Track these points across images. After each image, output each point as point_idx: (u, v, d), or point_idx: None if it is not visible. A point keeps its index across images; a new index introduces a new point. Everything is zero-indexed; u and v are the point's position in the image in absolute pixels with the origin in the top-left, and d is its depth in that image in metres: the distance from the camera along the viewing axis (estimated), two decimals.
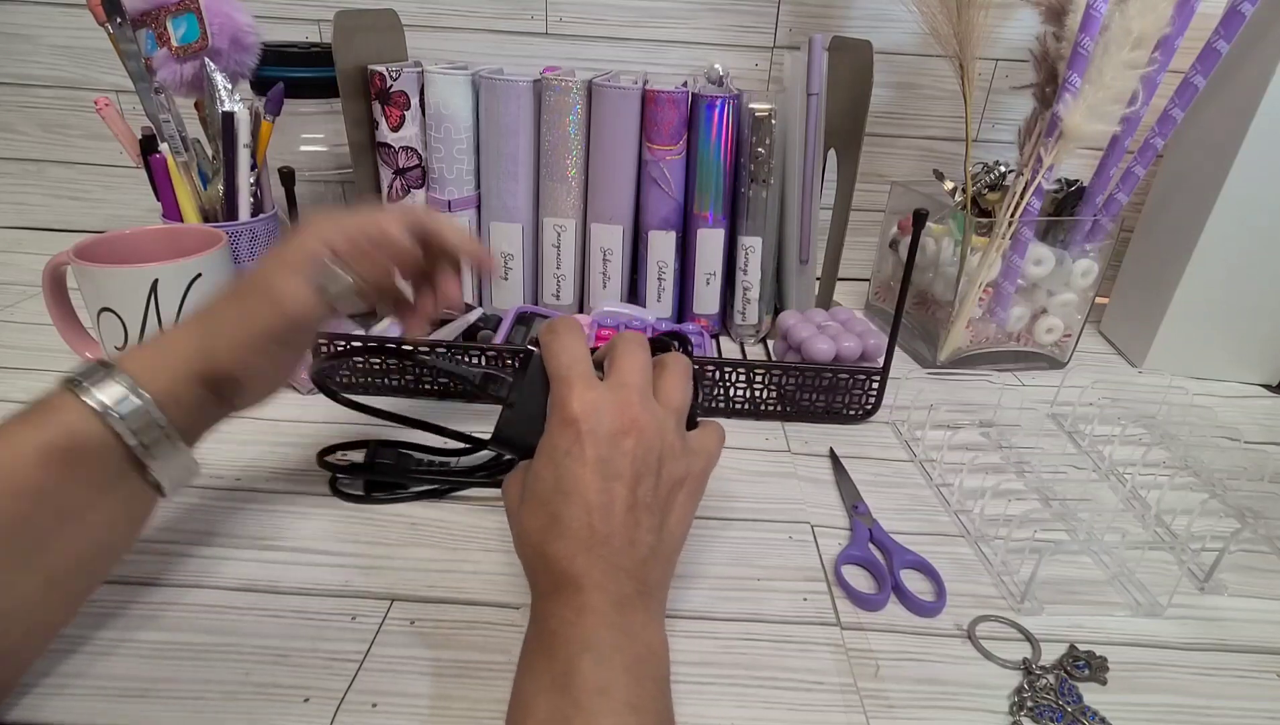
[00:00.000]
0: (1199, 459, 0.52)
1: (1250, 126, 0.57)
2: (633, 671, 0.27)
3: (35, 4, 0.74)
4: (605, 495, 0.30)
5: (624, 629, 0.28)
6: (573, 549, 0.29)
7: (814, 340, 0.54)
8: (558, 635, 0.28)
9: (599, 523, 0.29)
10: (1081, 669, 0.35)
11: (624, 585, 0.29)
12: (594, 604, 0.28)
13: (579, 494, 0.30)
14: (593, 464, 0.30)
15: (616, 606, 0.28)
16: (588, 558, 0.29)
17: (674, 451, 0.32)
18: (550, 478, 0.30)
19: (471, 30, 0.75)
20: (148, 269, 0.48)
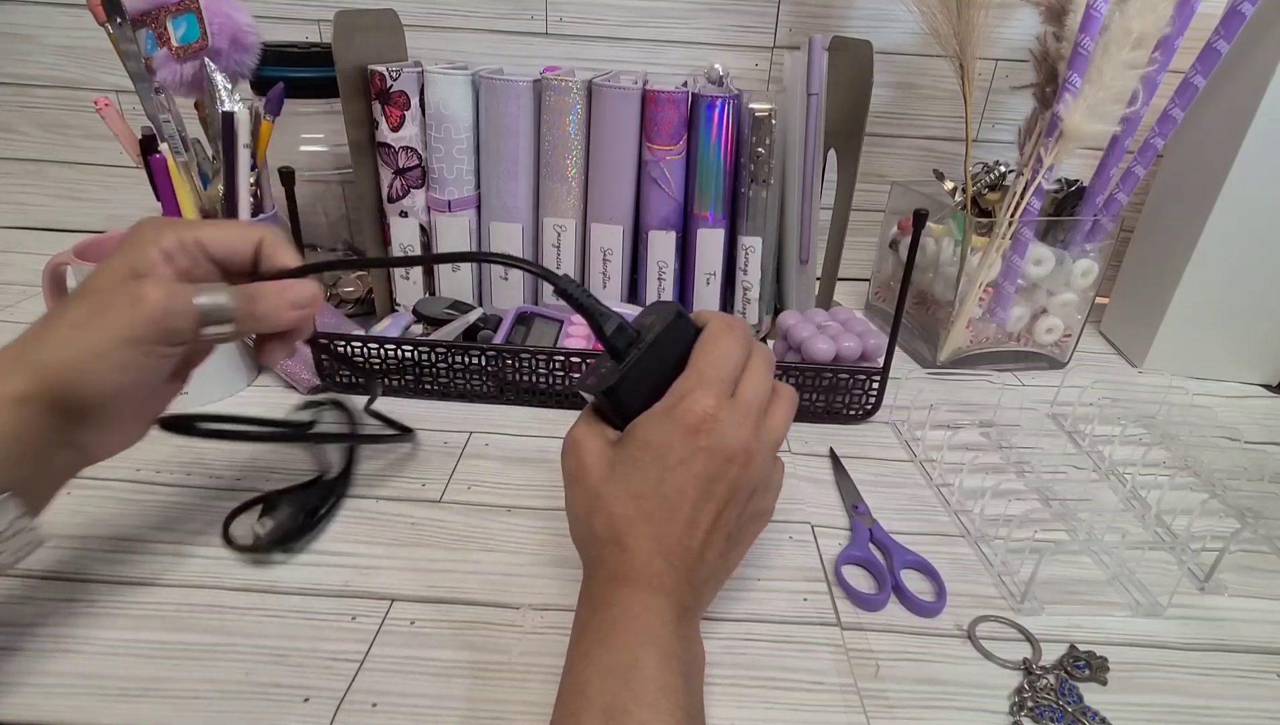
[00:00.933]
0: (1199, 459, 0.52)
1: (1250, 126, 0.57)
2: (689, 678, 0.27)
3: (35, 4, 0.74)
4: (699, 512, 0.30)
5: (684, 636, 0.29)
6: (654, 549, 0.30)
7: (814, 340, 0.54)
8: (618, 625, 0.28)
9: (685, 536, 0.30)
10: (1082, 669, 0.35)
11: (687, 596, 0.30)
12: (661, 606, 0.28)
13: (678, 504, 0.30)
14: (700, 480, 0.30)
15: (679, 614, 0.29)
16: (665, 562, 0.29)
17: (766, 486, 0.33)
18: (655, 476, 0.30)
19: (471, 30, 0.75)
20: None
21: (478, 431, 0.51)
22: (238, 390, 0.54)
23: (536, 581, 0.39)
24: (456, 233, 0.63)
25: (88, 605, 0.35)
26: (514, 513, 0.43)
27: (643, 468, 0.30)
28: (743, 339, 0.33)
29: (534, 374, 0.53)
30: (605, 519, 0.31)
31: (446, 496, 0.45)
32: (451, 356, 0.53)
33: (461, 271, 0.64)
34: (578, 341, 0.56)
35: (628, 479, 0.31)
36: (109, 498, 0.42)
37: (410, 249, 0.64)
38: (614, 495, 0.31)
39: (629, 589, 0.29)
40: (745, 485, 0.31)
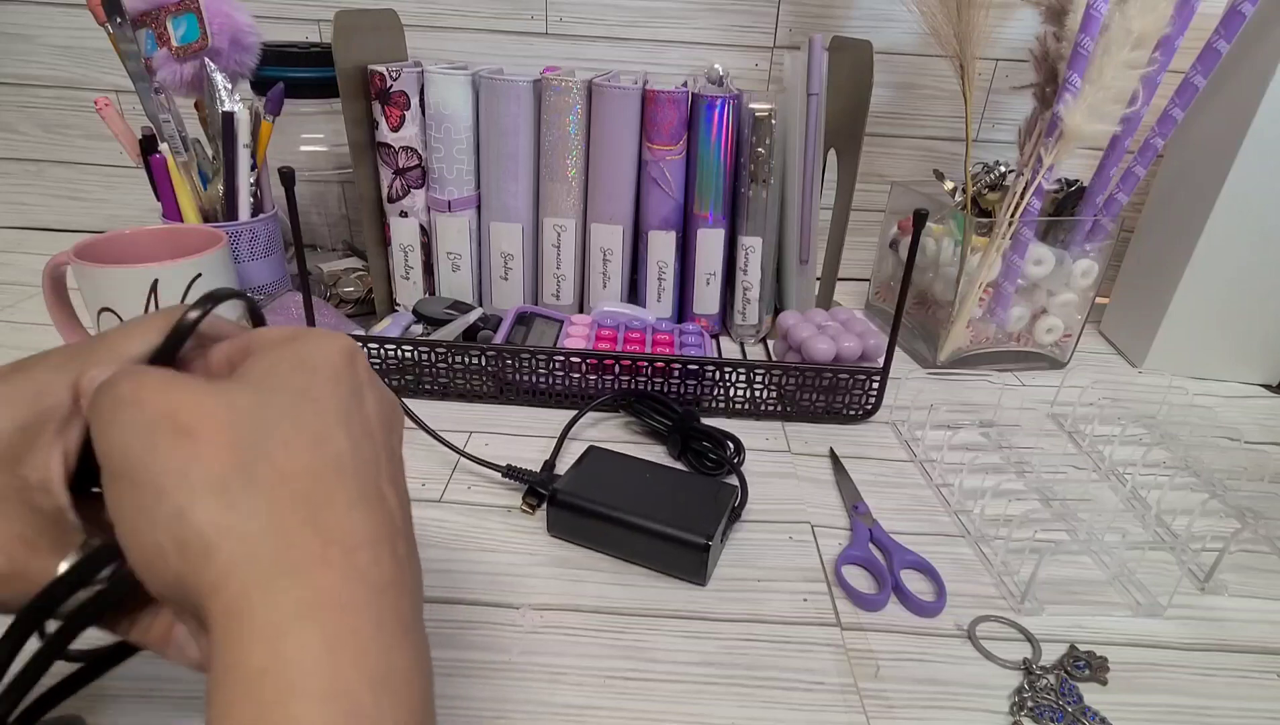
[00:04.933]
0: (1199, 459, 0.52)
1: (1250, 126, 0.57)
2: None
3: (35, 4, 0.74)
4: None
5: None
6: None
7: (814, 340, 0.54)
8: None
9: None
10: (1082, 669, 0.35)
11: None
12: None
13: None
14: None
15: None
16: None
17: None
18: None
19: (471, 30, 0.75)
20: (148, 269, 0.48)
21: (478, 431, 0.51)
22: None
23: (536, 581, 0.39)
24: (456, 232, 0.63)
25: None
26: (514, 513, 0.43)
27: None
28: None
29: (534, 374, 0.53)
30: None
31: (446, 496, 0.45)
32: (451, 356, 0.53)
33: (461, 271, 0.64)
34: (578, 341, 0.56)
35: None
36: None
37: (410, 249, 0.64)
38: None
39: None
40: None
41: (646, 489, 0.42)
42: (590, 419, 0.54)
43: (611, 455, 0.45)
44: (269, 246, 0.60)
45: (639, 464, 0.45)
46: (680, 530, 0.38)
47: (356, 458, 0.21)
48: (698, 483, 0.44)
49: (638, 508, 0.40)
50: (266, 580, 0.18)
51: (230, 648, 0.18)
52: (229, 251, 0.53)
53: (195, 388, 0.20)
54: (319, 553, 0.19)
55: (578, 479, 0.42)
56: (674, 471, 0.44)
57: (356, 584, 0.19)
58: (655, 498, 0.41)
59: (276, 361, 0.22)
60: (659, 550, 0.39)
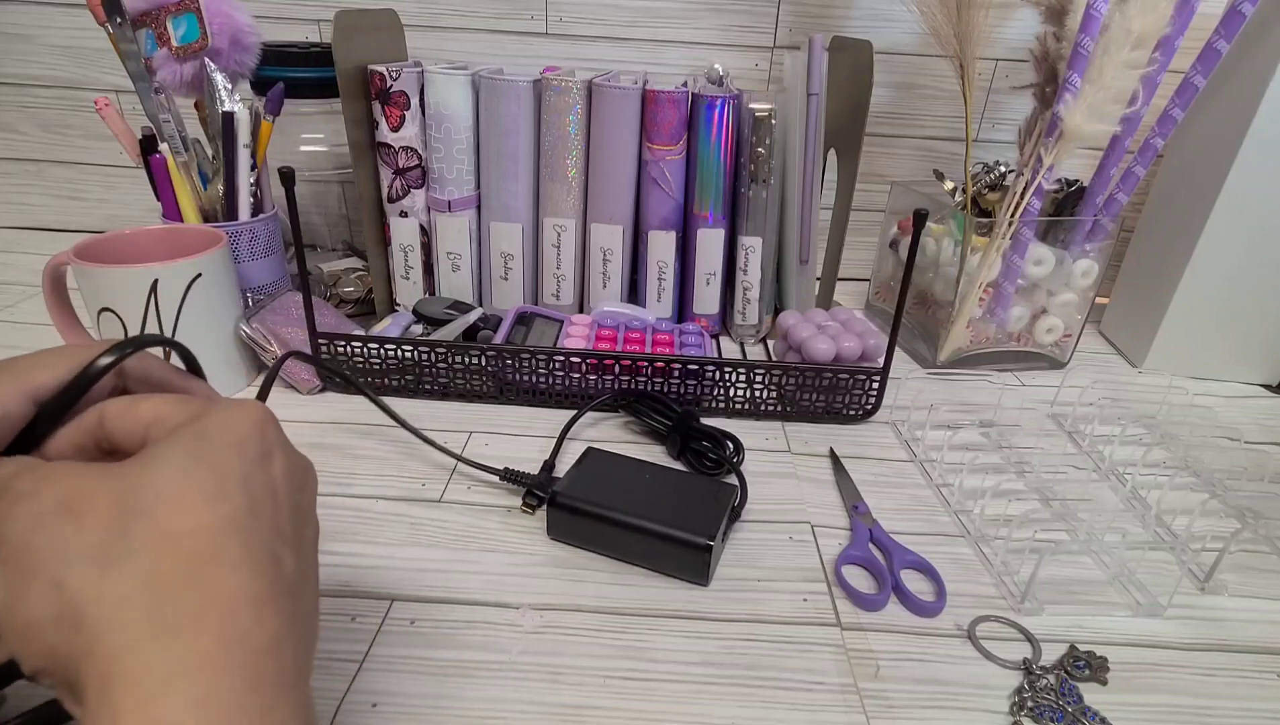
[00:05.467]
0: (1199, 459, 0.52)
1: (1250, 126, 0.57)
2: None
3: (35, 4, 0.74)
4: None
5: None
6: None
7: (814, 340, 0.54)
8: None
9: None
10: (1082, 669, 0.35)
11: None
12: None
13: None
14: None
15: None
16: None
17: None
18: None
19: (471, 30, 0.75)
20: (148, 269, 0.48)
21: (478, 431, 0.51)
22: (237, 391, 0.54)
23: (536, 581, 0.39)
24: (456, 232, 0.63)
25: None
26: (513, 513, 0.43)
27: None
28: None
29: (534, 374, 0.53)
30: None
31: (446, 496, 0.45)
32: (451, 356, 0.53)
33: (461, 271, 0.64)
34: (578, 342, 0.56)
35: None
36: None
37: (410, 249, 0.64)
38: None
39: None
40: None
41: (646, 490, 0.42)
42: (590, 419, 0.54)
43: (610, 457, 0.45)
44: (269, 246, 0.60)
45: (638, 465, 0.45)
46: (682, 531, 0.38)
47: (252, 516, 0.21)
48: (697, 483, 0.44)
49: (638, 509, 0.40)
50: (137, 642, 0.18)
51: (103, 712, 0.18)
52: (229, 251, 0.53)
53: (91, 473, 0.21)
54: (195, 613, 0.19)
55: (577, 481, 0.42)
56: (673, 472, 0.44)
57: (233, 645, 0.19)
58: (655, 499, 0.41)
59: (178, 436, 0.22)
60: (661, 551, 0.39)
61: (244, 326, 0.53)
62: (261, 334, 0.53)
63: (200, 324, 0.50)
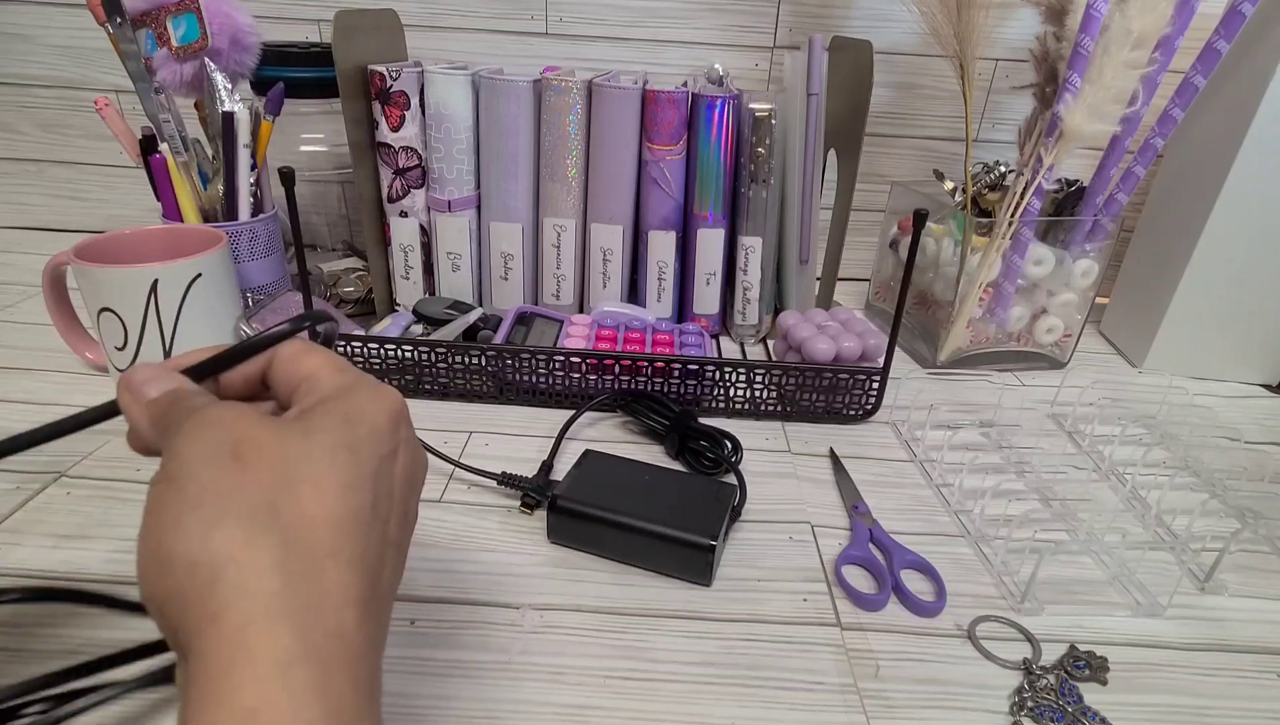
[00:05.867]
0: (1199, 459, 0.52)
1: (1250, 126, 0.57)
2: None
3: (35, 4, 0.74)
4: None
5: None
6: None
7: (814, 340, 0.54)
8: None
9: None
10: (1082, 669, 0.35)
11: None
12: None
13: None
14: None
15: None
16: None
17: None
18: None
19: (471, 30, 0.75)
20: (148, 269, 0.48)
21: (478, 431, 0.51)
22: None
23: (536, 581, 0.39)
24: (456, 233, 0.63)
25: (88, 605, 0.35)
26: (513, 513, 0.43)
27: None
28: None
29: (534, 374, 0.53)
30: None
31: (446, 496, 0.45)
32: (451, 356, 0.53)
33: (461, 271, 0.64)
34: (578, 341, 0.56)
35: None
36: (109, 498, 0.42)
37: (410, 249, 0.64)
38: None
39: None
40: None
41: (646, 491, 0.42)
42: (588, 419, 0.54)
43: (608, 458, 0.45)
44: (269, 246, 0.60)
45: (637, 466, 0.45)
46: (684, 532, 0.38)
47: (373, 514, 0.22)
48: (697, 483, 0.44)
49: (639, 511, 0.40)
50: (265, 619, 0.19)
51: (221, 680, 0.18)
52: (229, 251, 0.53)
53: (266, 428, 0.22)
54: (313, 604, 0.19)
55: (576, 484, 0.42)
56: (672, 472, 0.44)
57: (339, 642, 0.20)
58: (655, 500, 0.41)
59: (330, 411, 0.23)
60: (662, 553, 0.39)
61: (244, 326, 0.53)
62: None
63: (200, 324, 0.50)
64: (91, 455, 0.46)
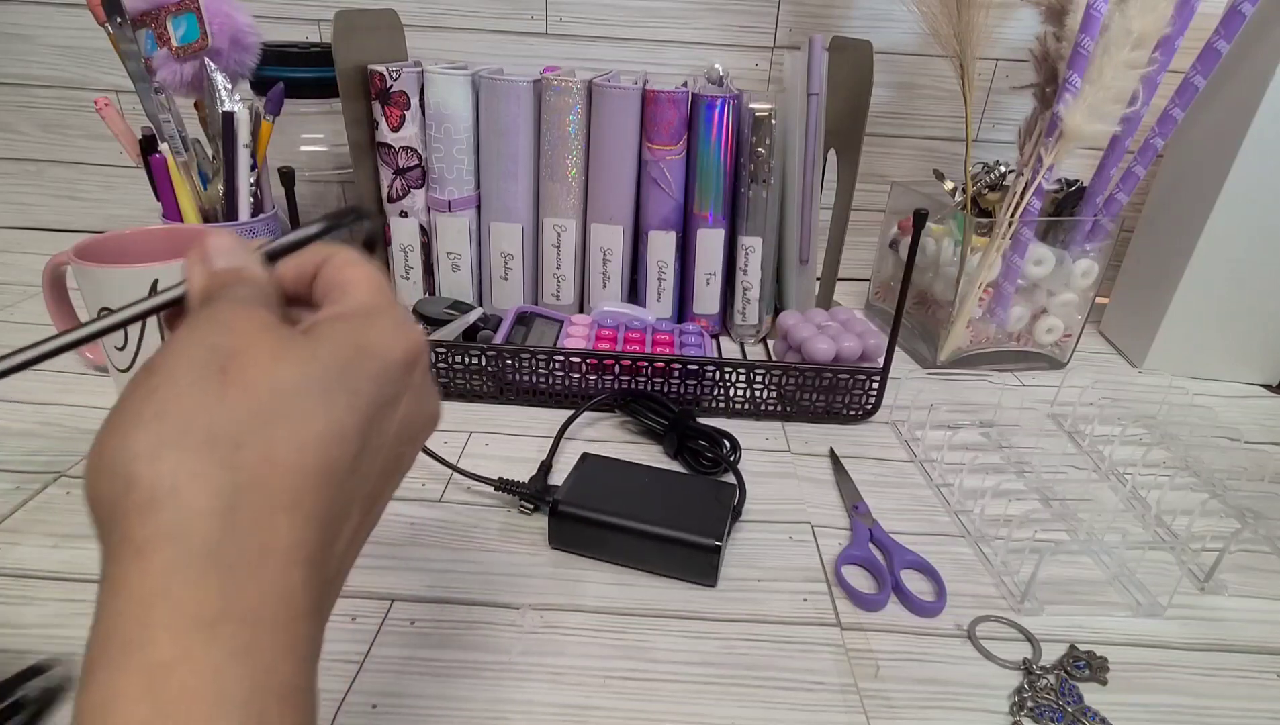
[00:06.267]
0: (1199, 459, 0.52)
1: (1250, 126, 0.57)
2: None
3: (35, 4, 0.74)
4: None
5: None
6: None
7: (814, 340, 0.54)
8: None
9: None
10: (1082, 669, 0.35)
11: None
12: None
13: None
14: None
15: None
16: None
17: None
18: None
19: (471, 30, 0.75)
20: (148, 269, 0.47)
21: (478, 431, 0.51)
22: None
23: (536, 582, 0.39)
24: (456, 233, 0.63)
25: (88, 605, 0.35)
26: (513, 513, 0.43)
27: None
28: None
29: (534, 374, 0.53)
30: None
31: (446, 496, 0.45)
32: (451, 356, 0.53)
33: (461, 271, 0.64)
34: (578, 341, 0.56)
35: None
36: None
37: (410, 249, 0.64)
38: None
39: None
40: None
41: (647, 493, 0.42)
42: (586, 419, 0.53)
43: (607, 461, 0.45)
44: None
45: (635, 469, 0.45)
46: (688, 533, 0.38)
47: (351, 469, 0.20)
48: (696, 483, 0.44)
49: (641, 513, 0.39)
50: (192, 568, 0.17)
51: (135, 625, 0.17)
52: None
53: (265, 339, 0.20)
54: (255, 558, 0.18)
55: (576, 488, 0.42)
56: (671, 473, 0.44)
57: (279, 603, 0.18)
58: (657, 502, 0.41)
59: (344, 335, 0.21)
60: (667, 555, 0.39)
61: None
62: None
63: None
64: None
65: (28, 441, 0.47)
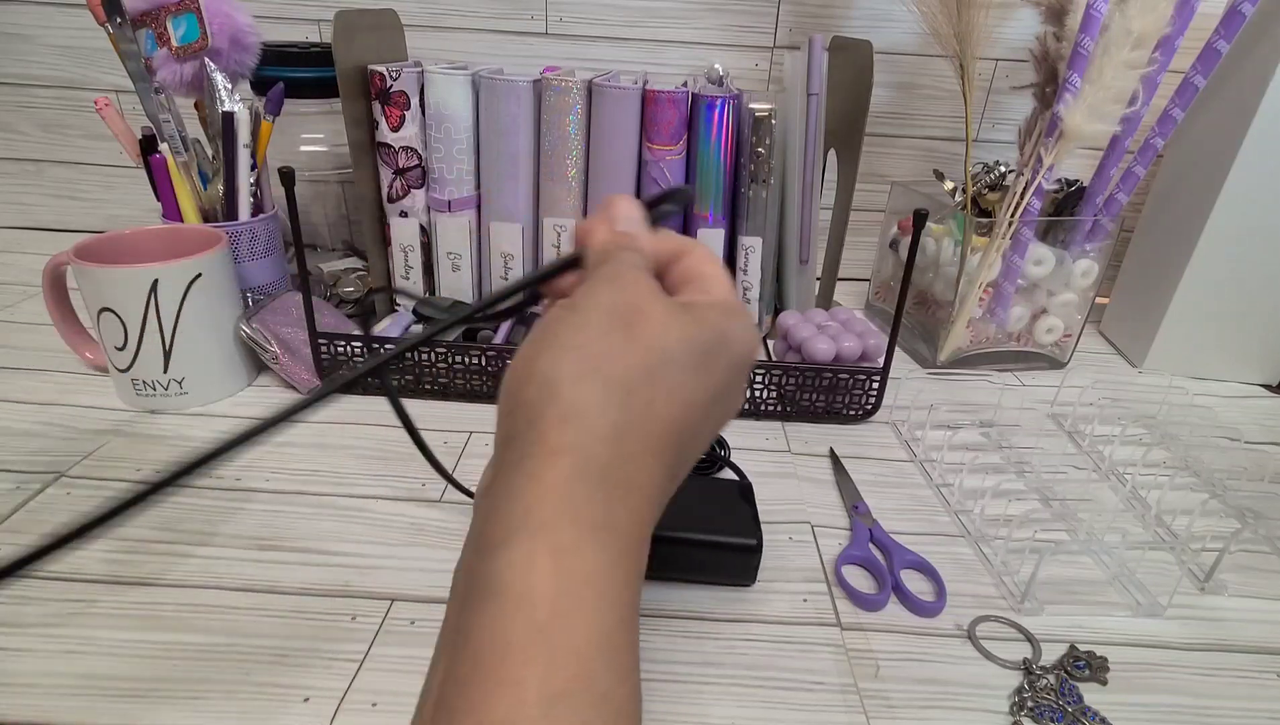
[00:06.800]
0: (1199, 459, 0.52)
1: (1250, 126, 0.57)
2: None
3: (35, 4, 0.74)
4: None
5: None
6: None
7: (814, 340, 0.54)
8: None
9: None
10: (1082, 669, 0.35)
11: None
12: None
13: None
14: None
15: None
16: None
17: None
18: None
19: (471, 30, 0.75)
20: (148, 269, 0.48)
21: (478, 431, 0.51)
22: (237, 391, 0.54)
23: None
24: (456, 232, 0.63)
25: (88, 605, 0.35)
26: None
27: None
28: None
29: None
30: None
31: (446, 496, 0.45)
32: (451, 356, 0.53)
33: (461, 271, 0.64)
34: None
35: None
36: (109, 498, 0.42)
37: (410, 249, 0.64)
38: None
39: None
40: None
41: (670, 502, 0.41)
42: None
43: None
44: (269, 246, 0.60)
45: None
46: (726, 535, 0.38)
47: (695, 434, 0.23)
48: (709, 485, 0.43)
49: (673, 522, 0.38)
50: (590, 484, 0.20)
51: (546, 509, 0.19)
52: (229, 251, 0.53)
53: (660, 302, 0.23)
54: (628, 488, 0.21)
55: None
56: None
57: (636, 528, 0.21)
58: (683, 508, 0.40)
59: (715, 320, 0.24)
60: (703, 560, 0.38)
61: (244, 326, 0.53)
62: (261, 334, 0.53)
63: (200, 324, 0.50)
64: (91, 455, 0.46)
65: (28, 441, 0.47)
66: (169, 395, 0.51)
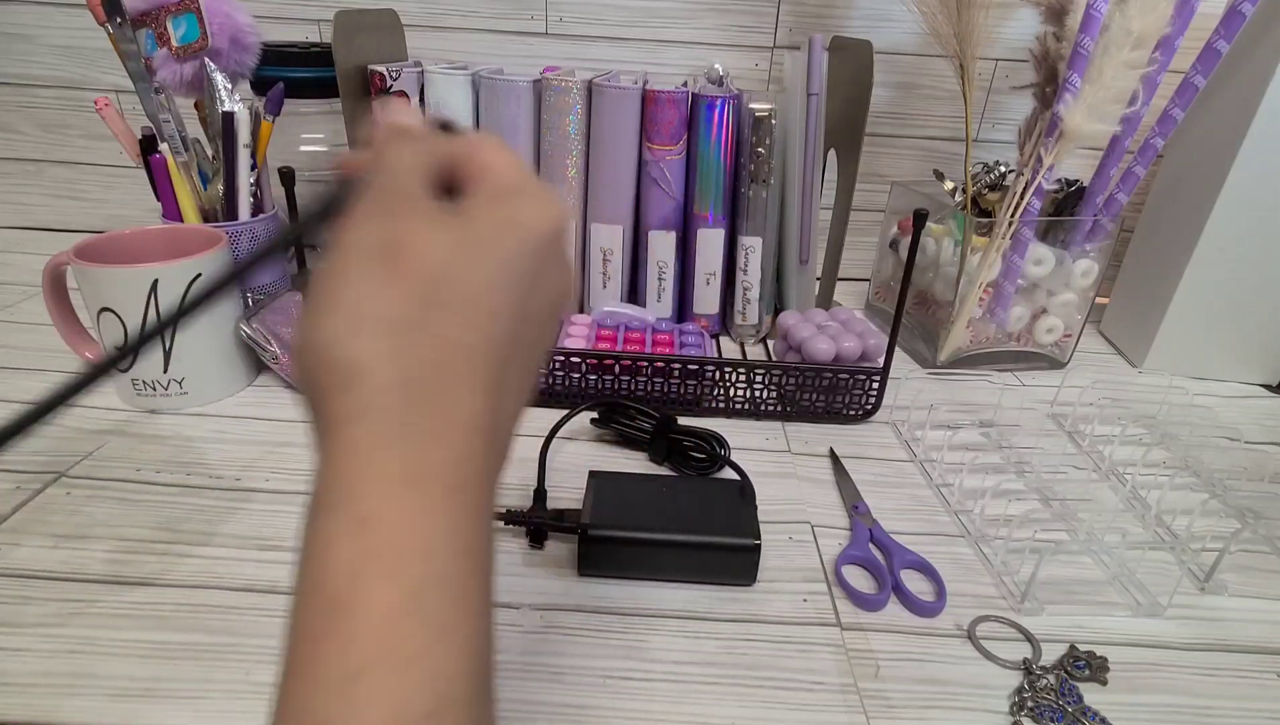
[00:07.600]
0: (1199, 459, 0.52)
1: (1250, 126, 0.57)
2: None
3: (35, 4, 0.74)
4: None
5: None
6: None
7: (814, 340, 0.54)
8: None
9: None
10: (1082, 669, 0.35)
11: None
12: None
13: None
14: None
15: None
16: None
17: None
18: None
19: (471, 30, 0.75)
20: (148, 269, 0.48)
21: None
22: (237, 391, 0.54)
23: (536, 581, 0.39)
24: None
25: (88, 605, 0.35)
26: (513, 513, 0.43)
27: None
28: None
29: None
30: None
31: None
32: None
33: None
34: (578, 341, 0.56)
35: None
36: (109, 497, 0.42)
37: None
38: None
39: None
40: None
41: (669, 504, 0.41)
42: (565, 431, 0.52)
43: (617, 477, 0.43)
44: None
45: (649, 480, 0.44)
46: (727, 536, 0.38)
47: (514, 342, 0.22)
48: (708, 486, 0.43)
49: (673, 525, 0.39)
50: (389, 439, 0.19)
51: (342, 484, 0.18)
52: (229, 251, 0.53)
53: (423, 223, 0.21)
54: (441, 428, 0.19)
55: (600, 511, 0.40)
56: (685, 480, 0.44)
57: (461, 466, 0.20)
58: (683, 510, 0.40)
59: (494, 214, 0.22)
60: (705, 562, 0.38)
61: (244, 326, 0.53)
62: (261, 334, 0.53)
63: (200, 324, 0.50)
64: (91, 455, 0.46)
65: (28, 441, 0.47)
66: (169, 395, 0.51)
